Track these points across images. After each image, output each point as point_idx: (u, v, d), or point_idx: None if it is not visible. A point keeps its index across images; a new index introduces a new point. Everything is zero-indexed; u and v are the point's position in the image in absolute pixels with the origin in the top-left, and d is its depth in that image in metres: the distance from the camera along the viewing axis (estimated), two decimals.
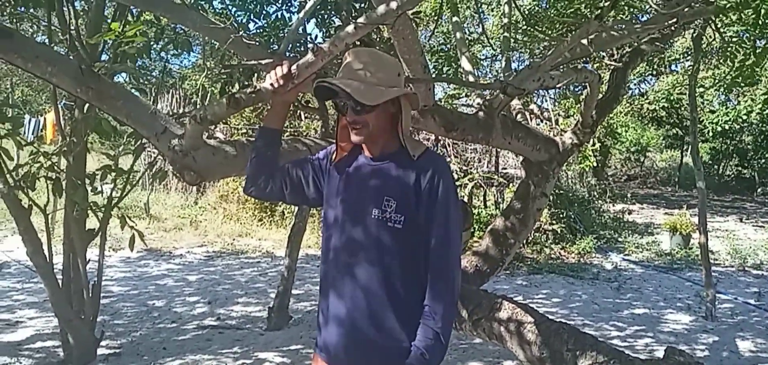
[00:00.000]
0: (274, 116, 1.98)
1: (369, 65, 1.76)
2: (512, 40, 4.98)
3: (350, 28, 2.03)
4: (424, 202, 1.72)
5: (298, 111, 9.32)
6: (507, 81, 2.68)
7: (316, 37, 5.19)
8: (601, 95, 3.72)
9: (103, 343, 4.36)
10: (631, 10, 4.54)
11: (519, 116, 3.97)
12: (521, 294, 6.64)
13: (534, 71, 2.61)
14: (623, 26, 2.86)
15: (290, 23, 5.03)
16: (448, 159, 9.29)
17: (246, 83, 4.67)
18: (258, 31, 5.01)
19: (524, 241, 7.48)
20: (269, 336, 4.91)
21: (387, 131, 1.80)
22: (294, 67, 2.00)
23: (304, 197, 1.98)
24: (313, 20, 5.25)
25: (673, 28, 2.97)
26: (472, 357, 4.61)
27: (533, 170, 3.76)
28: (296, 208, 5.52)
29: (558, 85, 2.84)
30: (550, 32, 4.15)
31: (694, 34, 5.53)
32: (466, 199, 8.31)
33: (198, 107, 2.62)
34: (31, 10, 4.70)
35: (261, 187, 1.96)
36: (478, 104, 3.69)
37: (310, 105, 6.07)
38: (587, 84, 3.45)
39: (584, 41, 2.33)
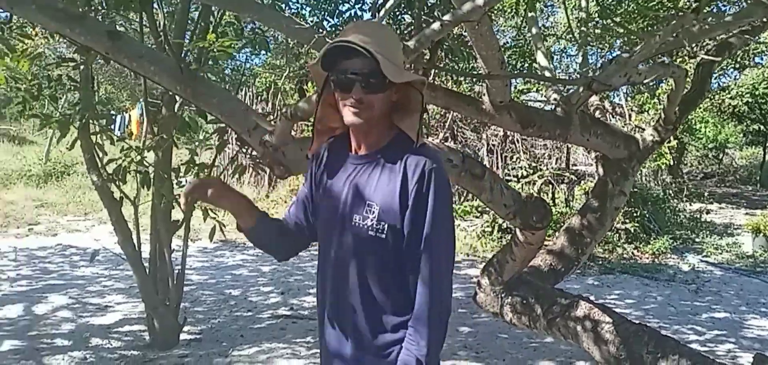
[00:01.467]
0: (244, 215, 1.72)
1: (388, 42, 1.54)
2: (584, 35, 4.87)
3: (436, 25, 2.07)
4: (410, 207, 1.50)
5: None
6: (593, 77, 2.64)
7: None
8: (685, 91, 3.59)
9: (185, 329, 4.58)
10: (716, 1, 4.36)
11: (597, 112, 3.88)
12: (593, 294, 6.48)
13: (621, 66, 2.55)
14: (712, 19, 2.75)
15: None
16: (517, 155, 9.17)
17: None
18: (332, 29, 5.14)
19: None
20: None
21: (383, 120, 1.57)
22: None
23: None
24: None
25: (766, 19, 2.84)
26: (542, 355, 4.55)
27: (612, 168, 3.67)
28: None
29: (645, 81, 2.76)
30: (629, 25, 4.04)
31: None
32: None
33: (284, 104, 2.73)
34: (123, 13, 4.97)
35: (291, 253, 1.83)
36: (555, 99, 3.64)
37: None
38: (671, 79, 3.34)
39: (676, 34, 2.25)
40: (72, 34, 2.02)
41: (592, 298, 5.37)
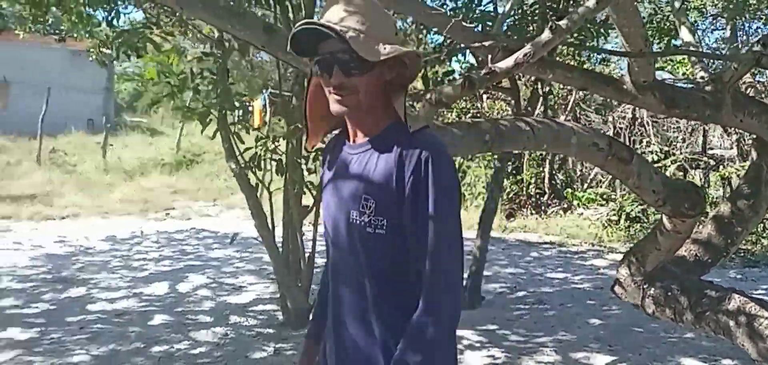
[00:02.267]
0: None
1: (364, 12, 1.33)
2: (734, 6, 4.48)
3: (591, 2, 1.98)
4: (407, 202, 1.31)
5: (483, 93, 9.30)
6: (761, 51, 2.42)
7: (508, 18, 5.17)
8: None
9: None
10: None
11: (750, 91, 3.57)
12: (736, 288, 6.00)
13: None
14: None
15: (482, 3, 5.13)
16: (647, 139, 8.63)
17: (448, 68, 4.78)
18: (452, 11, 5.11)
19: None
20: (464, 315, 4.97)
21: (377, 103, 1.39)
22: (529, 46, 2.01)
23: None
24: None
25: None
26: (683, 351, 4.27)
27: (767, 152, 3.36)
28: (488, 190, 5.53)
29: None
30: None
31: None
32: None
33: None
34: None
35: None
36: (702, 77, 3.39)
37: (501, 85, 6.03)
38: None
39: None
40: (232, 29, 2.15)
41: None
